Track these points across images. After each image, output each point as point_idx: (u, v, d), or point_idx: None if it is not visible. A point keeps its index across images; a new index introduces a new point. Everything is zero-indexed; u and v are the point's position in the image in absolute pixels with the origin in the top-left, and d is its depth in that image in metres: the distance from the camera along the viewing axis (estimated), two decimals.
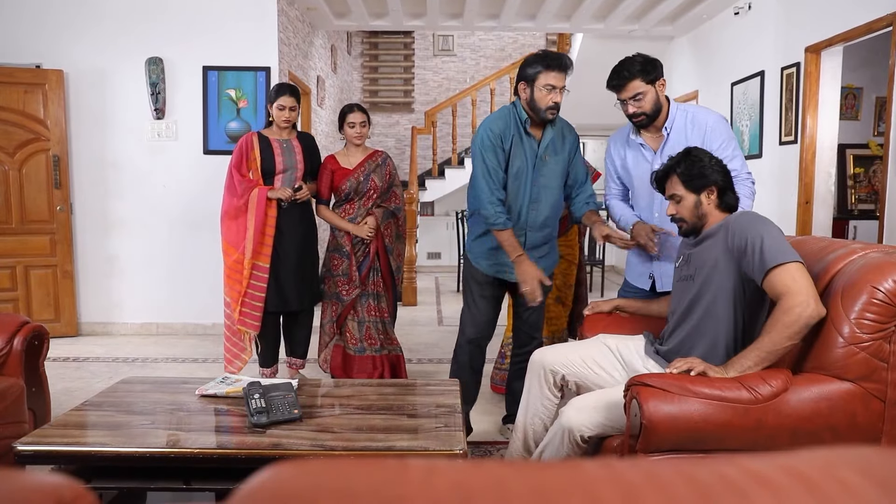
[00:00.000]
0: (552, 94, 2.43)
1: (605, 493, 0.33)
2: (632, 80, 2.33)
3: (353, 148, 3.31)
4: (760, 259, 1.73)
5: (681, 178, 1.99)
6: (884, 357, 1.65)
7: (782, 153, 4.53)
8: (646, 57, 2.38)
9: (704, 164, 1.97)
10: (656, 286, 2.51)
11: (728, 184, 1.99)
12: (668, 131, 2.41)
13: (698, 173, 1.96)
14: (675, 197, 2.02)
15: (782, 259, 1.70)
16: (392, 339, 3.37)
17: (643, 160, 2.47)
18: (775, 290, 1.71)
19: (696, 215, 1.99)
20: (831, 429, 1.65)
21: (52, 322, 4.53)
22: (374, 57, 9.04)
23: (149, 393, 2.22)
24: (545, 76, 2.42)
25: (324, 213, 3.32)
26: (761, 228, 1.78)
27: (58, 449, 1.78)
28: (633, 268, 2.60)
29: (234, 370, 3.22)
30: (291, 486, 0.34)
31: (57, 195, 4.57)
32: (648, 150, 2.46)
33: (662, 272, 2.48)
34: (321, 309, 3.39)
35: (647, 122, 2.39)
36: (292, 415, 1.91)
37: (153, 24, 4.61)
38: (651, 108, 2.36)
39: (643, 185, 2.47)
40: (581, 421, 1.84)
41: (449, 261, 8.35)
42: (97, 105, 4.64)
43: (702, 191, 1.97)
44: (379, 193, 3.31)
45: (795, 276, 1.69)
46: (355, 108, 3.30)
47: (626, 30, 5.90)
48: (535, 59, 2.47)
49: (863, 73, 5.32)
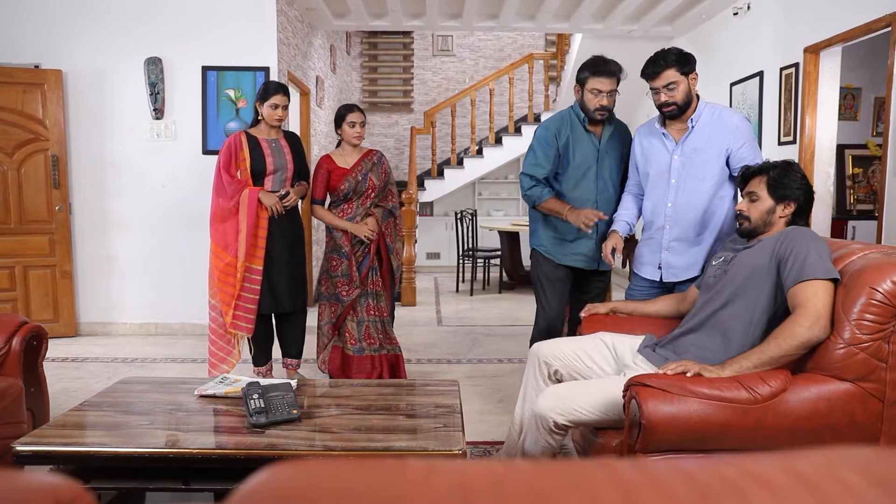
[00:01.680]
0: (599, 97, 2.67)
1: (605, 493, 0.33)
2: (667, 69, 2.40)
3: (349, 147, 3.32)
4: (799, 269, 1.75)
5: (769, 180, 2.00)
6: (882, 357, 1.65)
7: (781, 153, 4.53)
8: (681, 50, 2.46)
9: (796, 179, 1.99)
10: (663, 277, 2.57)
11: (807, 207, 2.01)
12: (693, 124, 2.46)
13: (787, 184, 1.98)
14: (752, 195, 2.03)
15: (817, 275, 1.72)
16: (391, 338, 3.37)
17: (664, 150, 2.53)
18: (796, 299, 1.73)
19: (764, 220, 2.00)
20: (830, 428, 1.65)
21: (51, 322, 4.52)
22: (373, 57, 9.04)
23: (147, 393, 2.22)
24: (592, 81, 2.67)
25: (320, 213, 3.31)
26: (811, 242, 1.80)
27: (56, 449, 1.77)
28: (643, 258, 2.65)
29: (218, 375, 3.20)
30: (290, 487, 0.34)
31: (56, 195, 4.57)
32: (670, 140, 2.51)
33: (669, 263, 2.54)
34: (318, 310, 3.37)
35: (677, 112, 2.45)
36: (291, 415, 1.91)
37: (152, 24, 4.61)
38: (682, 99, 2.42)
39: (659, 174, 2.54)
40: (551, 408, 1.87)
41: (448, 261, 8.35)
42: (96, 105, 4.64)
43: (782, 201, 1.98)
44: (377, 192, 3.31)
45: (819, 294, 1.70)
46: (355, 108, 3.32)
47: (625, 30, 5.90)
48: (585, 65, 2.71)
49: (861, 73, 5.32)
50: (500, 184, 8.84)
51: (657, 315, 2.38)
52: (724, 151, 2.44)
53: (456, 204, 8.56)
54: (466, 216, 6.97)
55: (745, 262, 1.94)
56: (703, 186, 2.46)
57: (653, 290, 2.61)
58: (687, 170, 2.47)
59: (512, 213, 8.73)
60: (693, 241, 2.51)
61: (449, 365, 4.03)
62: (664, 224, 2.53)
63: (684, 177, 2.47)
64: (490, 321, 5.32)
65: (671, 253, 2.54)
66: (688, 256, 2.52)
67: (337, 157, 3.31)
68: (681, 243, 2.52)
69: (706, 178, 2.45)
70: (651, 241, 2.60)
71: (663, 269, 2.56)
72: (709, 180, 2.45)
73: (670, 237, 2.53)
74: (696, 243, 2.51)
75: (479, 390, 3.46)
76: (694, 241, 2.51)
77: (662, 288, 2.60)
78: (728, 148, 2.43)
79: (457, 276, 7.02)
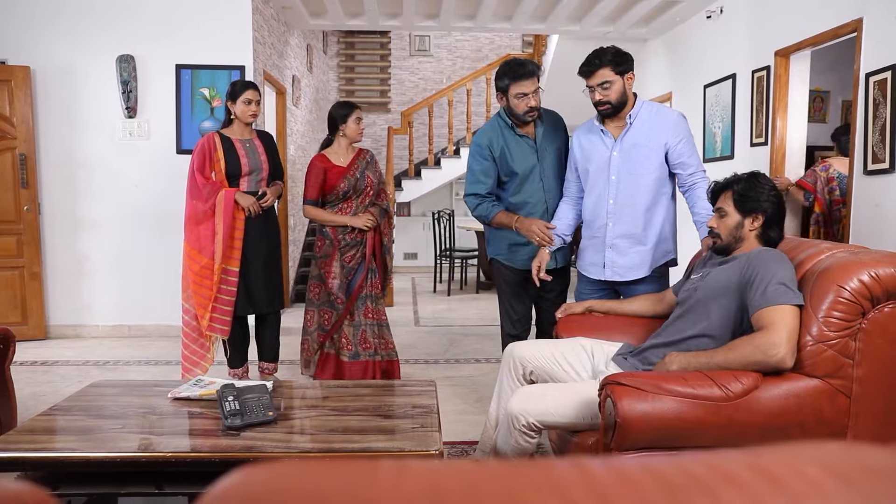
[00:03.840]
0: (525, 100, 2.64)
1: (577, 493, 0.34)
2: (601, 68, 2.41)
3: (343, 146, 3.24)
4: (762, 294, 1.74)
5: (734, 195, 1.96)
6: (849, 354, 1.69)
7: (753, 154, 4.62)
8: (619, 49, 2.45)
9: (763, 191, 1.94)
10: (608, 276, 2.56)
11: (777, 219, 1.96)
12: (632, 121, 2.47)
13: (753, 197, 1.94)
14: (720, 211, 2.00)
15: (782, 301, 1.71)
16: (388, 342, 3.31)
17: (602, 147, 2.54)
18: (761, 322, 1.73)
19: (733, 236, 1.97)
20: (799, 425, 1.68)
21: (19, 325, 4.42)
22: (350, 57, 9.00)
23: (120, 396, 2.18)
24: (515, 87, 2.63)
25: (316, 213, 3.20)
26: (777, 267, 1.78)
27: (24, 455, 1.73)
28: (587, 258, 2.64)
29: (192, 378, 3.16)
30: (260, 489, 0.34)
31: (24, 194, 4.47)
32: (609, 137, 2.52)
33: (614, 262, 2.54)
34: (305, 317, 3.29)
35: (610, 111, 2.47)
36: (267, 417, 1.89)
37: (124, 20, 4.53)
38: (616, 99, 2.44)
39: (599, 172, 2.54)
40: (521, 408, 1.87)
41: (425, 261, 8.35)
42: (66, 103, 4.55)
43: (749, 214, 1.94)
44: (374, 190, 3.29)
45: (787, 319, 1.69)
46: (356, 105, 3.27)
47: (601, 31, 5.96)
48: (502, 72, 2.67)
49: (830, 76, 5.44)
50: None
51: (633, 314, 2.39)
52: (662, 146, 2.45)
53: (433, 204, 8.56)
54: (443, 216, 6.98)
55: (714, 282, 1.94)
56: (643, 181, 2.47)
57: (601, 292, 2.61)
58: (626, 165, 2.48)
59: None
60: (638, 239, 2.51)
61: (426, 365, 4.02)
62: (606, 221, 2.53)
63: (624, 172, 2.48)
64: (467, 321, 5.33)
65: (615, 251, 2.53)
66: (632, 255, 2.52)
67: (332, 156, 3.22)
68: (624, 240, 2.52)
69: (646, 173, 2.47)
70: (594, 239, 2.59)
71: (607, 268, 2.55)
72: (649, 175, 2.47)
73: (613, 234, 2.52)
74: (640, 241, 2.51)
75: (457, 390, 3.46)
76: (640, 238, 2.51)
77: (609, 288, 2.60)
78: (667, 143, 2.45)
79: (434, 277, 7.03)
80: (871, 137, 3.45)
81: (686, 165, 2.48)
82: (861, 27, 3.53)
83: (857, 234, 3.61)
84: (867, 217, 3.52)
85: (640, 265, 2.52)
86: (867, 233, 3.51)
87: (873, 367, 1.68)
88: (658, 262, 2.55)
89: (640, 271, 2.52)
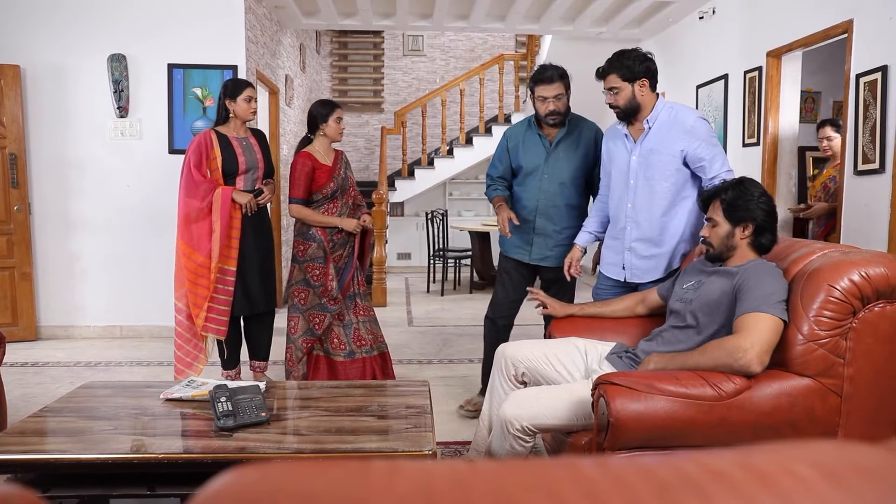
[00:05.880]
0: (545, 103, 2.83)
1: (568, 493, 0.34)
2: (609, 74, 2.45)
3: (325, 146, 3.18)
4: (748, 300, 1.76)
5: (723, 204, 1.95)
6: (840, 353, 1.70)
7: (746, 154, 4.64)
8: (635, 56, 2.43)
9: (752, 199, 1.92)
10: (627, 277, 2.60)
11: (769, 225, 1.94)
12: (650, 125, 2.47)
13: (742, 206, 1.92)
14: (711, 221, 1.99)
15: (764, 309, 1.72)
16: (377, 335, 3.31)
17: (624, 150, 2.56)
18: (738, 326, 1.75)
19: (725, 245, 1.96)
20: (791, 423, 1.69)
21: (10, 326, 4.39)
22: (343, 56, 8.98)
23: (111, 397, 2.17)
24: (537, 90, 2.84)
25: (304, 213, 3.11)
26: (768, 278, 1.79)
27: (14, 457, 1.72)
28: (607, 258, 2.69)
29: (184, 379, 3.14)
30: (251, 490, 0.34)
31: (14, 194, 4.44)
32: (630, 141, 2.54)
33: (632, 264, 2.58)
34: (289, 323, 3.19)
35: (621, 115, 2.50)
36: (260, 418, 1.89)
37: (115, 19, 4.51)
38: (624, 105, 2.45)
39: (620, 174, 2.57)
40: (515, 413, 1.87)
41: (419, 261, 8.34)
42: (57, 102, 4.52)
43: (739, 223, 1.93)
44: (355, 190, 3.29)
45: (760, 327, 1.70)
46: (337, 103, 3.23)
47: (594, 32, 5.97)
48: (532, 75, 2.91)
49: (821, 77, 5.47)
50: (471, 184, 8.87)
51: (613, 316, 2.40)
52: (679, 153, 2.43)
53: (426, 204, 8.55)
54: (437, 216, 6.97)
55: (708, 295, 1.94)
56: (660, 187, 2.47)
57: (618, 290, 2.63)
58: (644, 171, 2.48)
59: (482, 213, 8.76)
60: (655, 243, 2.52)
61: (420, 365, 4.02)
62: (626, 225, 2.55)
63: (642, 178, 2.49)
64: (461, 321, 5.33)
65: (633, 254, 2.55)
66: (650, 259, 2.54)
67: (318, 155, 3.15)
68: (642, 244, 2.53)
69: (663, 179, 2.46)
70: (615, 241, 2.63)
71: (626, 270, 2.58)
72: (666, 181, 2.46)
73: (632, 238, 2.54)
74: (658, 245, 2.52)
75: (450, 390, 3.46)
76: (656, 242, 2.52)
77: (627, 288, 2.62)
78: (683, 149, 2.42)
79: (427, 277, 7.02)
80: (862, 138, 3.48)
81: (706, 170, 2.42)
82: (852, 28, 3.55)
83: (847, 234, 3.63)
84: (858, 217, 3.55)
85: (656, 268, 2.54)
86: (858, 233, 3.53)
87: (864, 366, 1.70)
88: (674, 265, 2.55)
89: (656, 274, 2.54)
